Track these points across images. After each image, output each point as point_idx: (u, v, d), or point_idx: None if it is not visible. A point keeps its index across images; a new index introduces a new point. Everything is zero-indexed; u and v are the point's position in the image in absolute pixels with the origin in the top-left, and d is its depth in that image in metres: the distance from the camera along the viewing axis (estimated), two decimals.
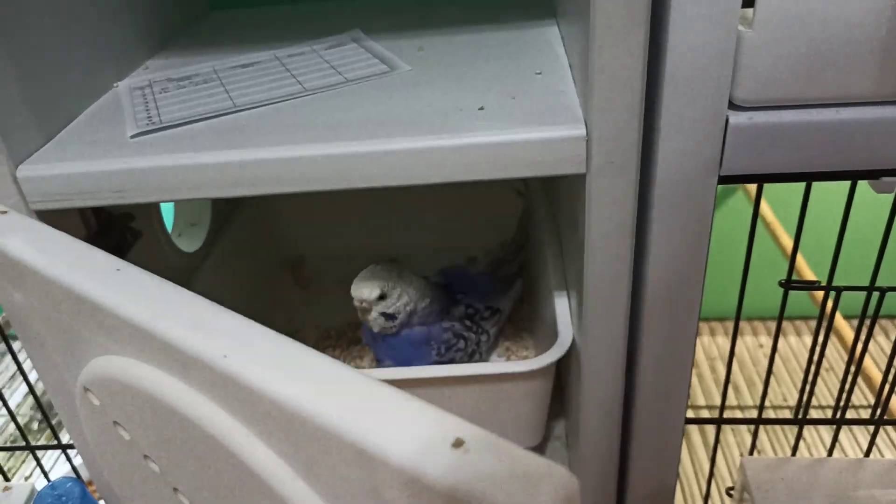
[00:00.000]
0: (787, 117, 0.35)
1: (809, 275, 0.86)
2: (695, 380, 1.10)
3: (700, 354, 1.16)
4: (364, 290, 0.53)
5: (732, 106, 0.36)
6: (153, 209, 0.55)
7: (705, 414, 1.04)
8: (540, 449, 0.62)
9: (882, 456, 0.94)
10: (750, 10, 0.33)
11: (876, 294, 0.45)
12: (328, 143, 0.38)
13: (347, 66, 0.49)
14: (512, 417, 0.54)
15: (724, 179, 0.38)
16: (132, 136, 0.41)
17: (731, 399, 1.07)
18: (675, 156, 0.37)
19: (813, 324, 1.19)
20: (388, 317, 0.55)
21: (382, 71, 0.47)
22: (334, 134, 0.39)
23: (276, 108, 0.43)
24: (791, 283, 0.44)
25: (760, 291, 0.67)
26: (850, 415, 0.52)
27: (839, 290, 0.45)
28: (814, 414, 0.52)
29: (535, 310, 0.68)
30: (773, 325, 1.20)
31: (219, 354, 0.24)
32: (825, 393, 1.04)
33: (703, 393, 1.09)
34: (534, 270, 0.73)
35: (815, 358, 0.47)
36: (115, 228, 0.47)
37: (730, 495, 0.53)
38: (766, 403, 0.96)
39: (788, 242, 0.91)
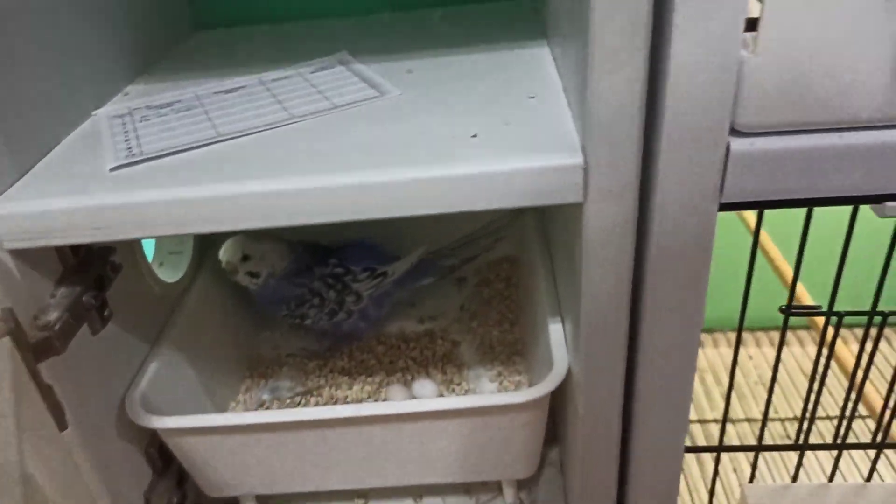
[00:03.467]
0: (790, 143, 0.34)
1: (806, 297, 0.85)
2: None
3: None
4: (229, 253, 0.63)
5: (733, 132, 0.35)
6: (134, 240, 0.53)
7: (698, 433, 1.03)
8: (535, 477, 0.60)
9: (883, 480, 0.93)
10: (752, 35, 0.32)
11: (877, 318, 0.44)
12: (316, 174, 0.37)
13: (335, 90, 0.47)
14: (507, 449, 0.52)
15: (724, 206, 0.37)
16: (111, 169, 0.40)
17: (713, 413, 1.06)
18: (674, 183, 0.36)
19: (807, 334, 1.18)
20: (254, 275, 0.63)
21: (371, 96, 0.46)
22: (322, 165, 0.38)
23: (262, 138, 0.42)
24: (792, 309, 0.43)
25: (753, 304, 0.66)
26: (850, 439, 0.52)
27: (841, 315, 0.44)
28: (813, 439, 0.51)
29: (528, 334, 0.67)
30: (762, 335, 1.19)
31: None
32: (821, 412, 1.03)
33: (694, 406, 1.08)
34: (525, 294, 0.71)
35: (816, 387, 0.46)
36: (95, 263, 0.45)
37: None
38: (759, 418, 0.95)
39: (784, 265, 0.90)
